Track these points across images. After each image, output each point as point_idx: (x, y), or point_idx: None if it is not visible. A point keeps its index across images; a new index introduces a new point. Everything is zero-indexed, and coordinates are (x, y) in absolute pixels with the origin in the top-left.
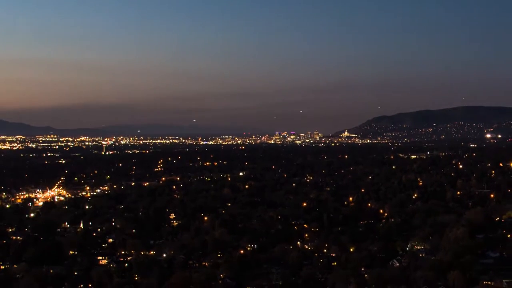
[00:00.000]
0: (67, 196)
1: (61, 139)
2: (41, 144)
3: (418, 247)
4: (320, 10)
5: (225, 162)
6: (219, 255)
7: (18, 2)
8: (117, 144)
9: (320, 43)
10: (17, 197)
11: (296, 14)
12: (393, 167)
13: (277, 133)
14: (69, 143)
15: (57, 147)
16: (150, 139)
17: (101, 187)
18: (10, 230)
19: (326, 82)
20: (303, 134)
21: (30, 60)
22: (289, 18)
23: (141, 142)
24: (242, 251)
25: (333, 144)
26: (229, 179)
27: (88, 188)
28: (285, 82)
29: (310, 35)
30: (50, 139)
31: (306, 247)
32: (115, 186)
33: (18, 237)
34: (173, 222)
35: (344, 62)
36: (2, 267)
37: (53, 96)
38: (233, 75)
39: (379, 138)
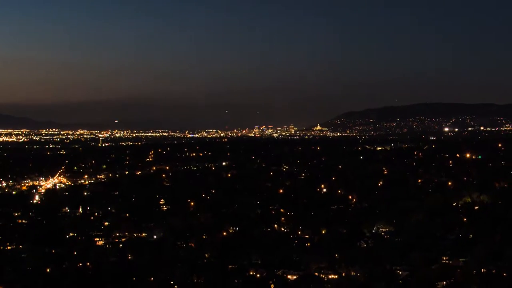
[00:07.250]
0: (67, 183)
1: (62, 133)
2: (44, 137)
3: (383, 230)
4: (288, 6)
5: (209, 153)
6: (204, 237)
7: (20, 3)
8: (112, 137)
9: (297, 44)
10: (22, 184)
11: (268, 15)
12: (361, 157)
13: (256, 127)
14: (69, 136)
15: (58, 139)
16: (142, 132)
17: (98, 176)
18: (16, 214)
19: (300, 80)
20: (279, 128)
21: (33, 60)
22: (247, 17)
23: (134, 135)
24: (225, 234)
25: (306, 137)
26: (213, 168)
27: (86, 176)
28: (266, 80)
29: (284, 34)
30: (52, 132)
31: (283, 229)
32: (110, 175)
33: (23, 221)
34: (162, 207)
35: (321, 62)
36: (9, 247)
37: (55, 93)
38: (223, 75)
39: (348, 132)
